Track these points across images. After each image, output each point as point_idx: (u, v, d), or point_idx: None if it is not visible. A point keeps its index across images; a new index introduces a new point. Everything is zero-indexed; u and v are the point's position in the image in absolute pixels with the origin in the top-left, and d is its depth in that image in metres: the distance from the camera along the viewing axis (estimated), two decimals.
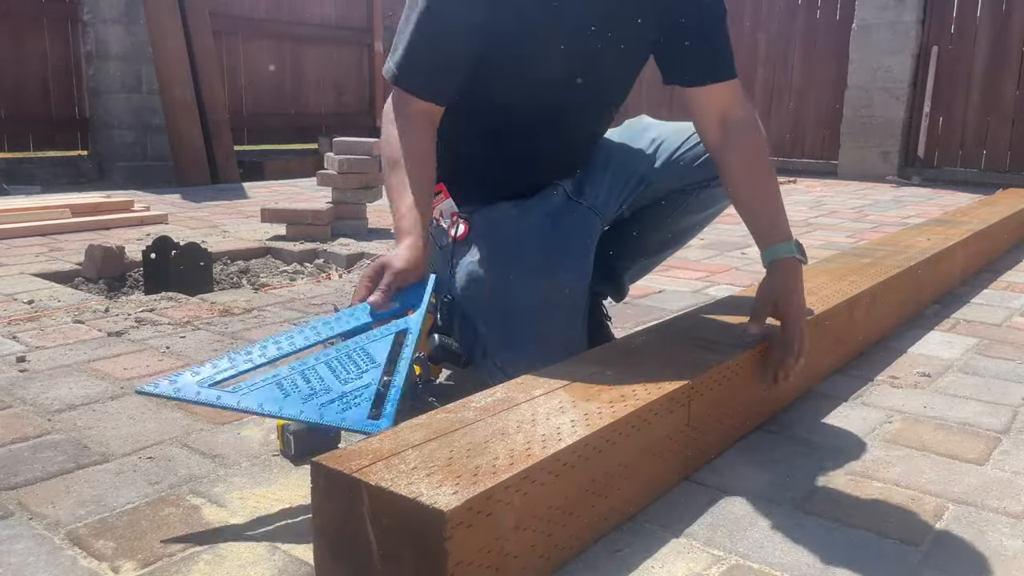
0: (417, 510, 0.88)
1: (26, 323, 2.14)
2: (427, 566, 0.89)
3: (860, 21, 6.79)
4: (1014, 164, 6.52)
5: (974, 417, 1.62)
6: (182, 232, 3.59)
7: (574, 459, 1.05)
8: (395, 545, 0.92)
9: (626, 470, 1.16)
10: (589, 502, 1.10)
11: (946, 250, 2.59)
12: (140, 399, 1.61)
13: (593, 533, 1.12)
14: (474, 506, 0.90)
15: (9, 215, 3.57)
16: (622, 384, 1.24)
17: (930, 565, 1.09)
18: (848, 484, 1.31)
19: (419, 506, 0.88)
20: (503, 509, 0.94)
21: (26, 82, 5.97)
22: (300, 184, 5.75)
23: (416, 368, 1.53)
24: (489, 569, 0.94)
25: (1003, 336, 2.20)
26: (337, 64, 7.97)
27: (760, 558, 1.09)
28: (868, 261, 2.27)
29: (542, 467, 1.00)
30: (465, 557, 0.90)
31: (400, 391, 1.17)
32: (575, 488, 1.07)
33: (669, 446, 1.26)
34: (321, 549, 1.00)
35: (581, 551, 1.10)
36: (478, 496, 0.90)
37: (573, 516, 1.08)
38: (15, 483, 1.27)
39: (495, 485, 0.93)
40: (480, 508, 0.91)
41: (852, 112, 6.92)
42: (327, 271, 3.11)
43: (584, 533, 1.11)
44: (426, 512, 0.88)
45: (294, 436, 1.36)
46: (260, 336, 2.06)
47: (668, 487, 1.28)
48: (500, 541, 0.95)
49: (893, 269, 2.19)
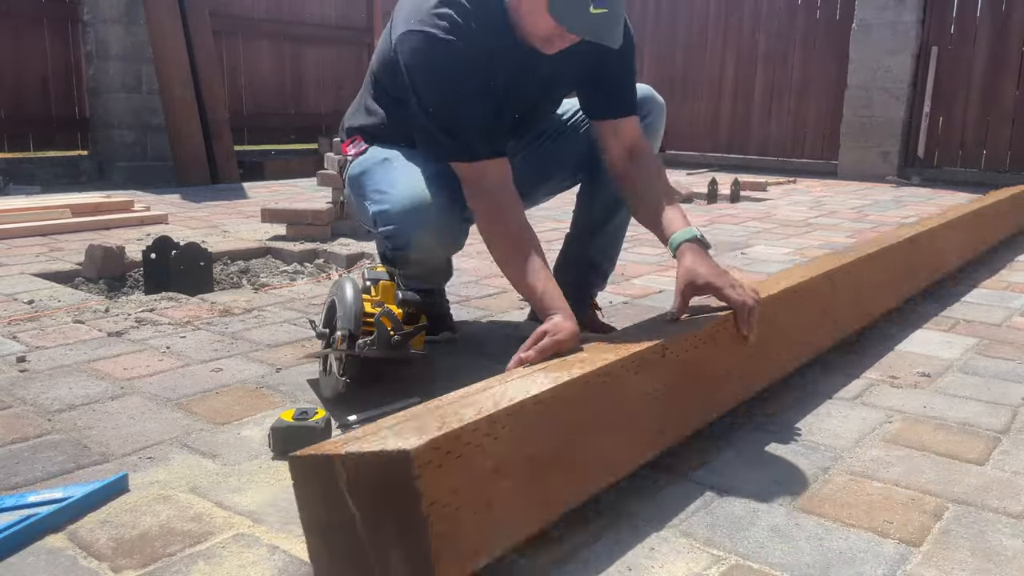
0: (386, 460, 0.91)
1: (26, 323, 2.14)
2: (405, 514, 0.91)
3: (860, 21, 6.79)
4: (1014, 164, 6.52)
5: (974, 417, 1.62)
6: (182, 232, 3.59)
7: (543, 409, 1.08)
8: (374, 507, 0.93)
9: (602, 425, 1.19)
10: (570, 456, 1.12)
11: (928, 231, 2.66)
12: (140, 399, 1.62)
13: (582, 489, 1.15)
14: (441, 446, 0.92)
15: (9, 215, 3.57)
16: (598, 356, 1.28)
17: (930, 565, 1.09)
18: (848, 484, 1.31)
19: (386, 455, 0.90)
20: (473, 452, 0.97)
21: (26, 82, 5.96)
22: (300, 184, 5.75)
23: (385, 321, 1.58)
24: (468, 512, 0.95)
25: (1003, 336, 2.20)
26: (337, 64, 7.97)
27: (760, 558, 1.09)
28: (852, 252, 2.32)
29: (510, 412, 1.03)
30: (440, 497, 0.91)
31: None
32: (551, 439, 1.10)
33: (644, 406, 1.29)
34: (314, 543, 1.01)
35: (573, 507, 1.12)
36: (444, 436, 0.93)
37: (556, 470, 1.10)
38: (15, 483, 1.27)
39: (462, 427, 0.96)
40: (448, 448, 0.93)
41: (852, 112, 6.92)
42: (327, 271, 3.11)
43: (572, 488, 1.13)
44: (392, 457, 0.90)
45: (273, 432, 1.37)
46: (260, 336, 2.07)
47: (651, 449, 1.31)
48: (479, 485, 0.97)
49: (873, 247, 2.27)
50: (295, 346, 1.99)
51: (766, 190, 5.75)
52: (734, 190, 5.20)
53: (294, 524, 1.15)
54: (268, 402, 1.62)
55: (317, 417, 1.39)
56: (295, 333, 2.10)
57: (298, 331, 2.12)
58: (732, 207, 4.93)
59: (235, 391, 1.68)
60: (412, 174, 1.66)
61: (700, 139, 7.87)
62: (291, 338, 2.05)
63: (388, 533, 0.93)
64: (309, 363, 1.84)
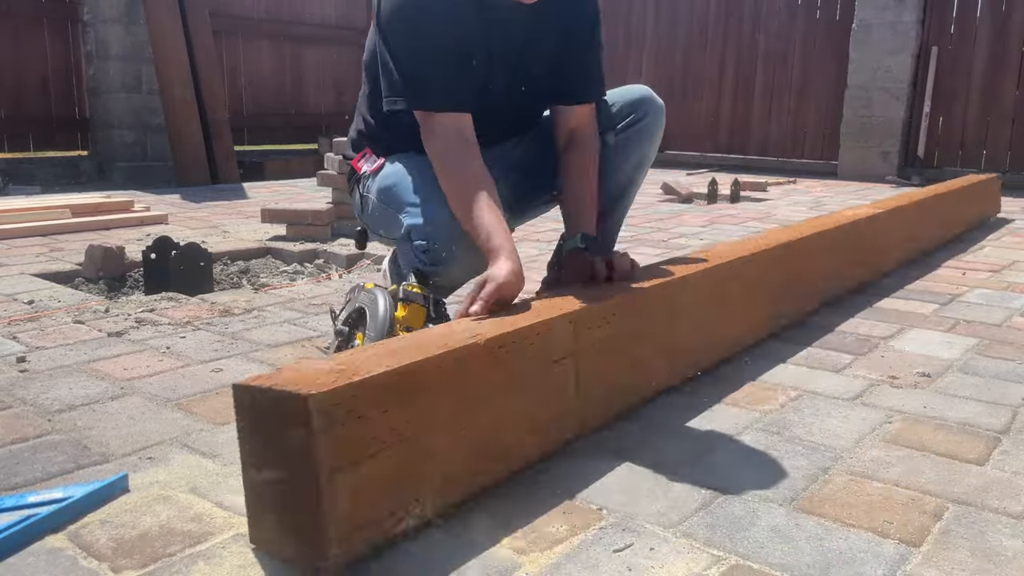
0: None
1: (26, 323, 2.14)
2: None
3: (860, 21, 6.79)
4: (1014, 164, 6.52)
5: (974, 417, 1.62)
6: (182, 232, 3.59)
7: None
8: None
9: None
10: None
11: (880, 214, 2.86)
12: (140, 399, 1.62)
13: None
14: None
15: (9, 215, 3.57)
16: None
17: (930, 565, 1.09)
18: (848, 484, 1.31)
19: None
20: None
21: (26, 82, 5.97)
22: (300, 184, 5.75)
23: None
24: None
25: (1003, 336, 2.20)
26: (337, 64, 7.98)
27: (760, 558, 1.09)
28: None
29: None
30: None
31: None
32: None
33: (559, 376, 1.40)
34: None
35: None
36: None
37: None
38: (15, 483, 1.27)
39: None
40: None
41: (852, 112, 6.91)
42: (327, 271, 3.11)
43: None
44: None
45: None
46: (260, 336, 2.07)
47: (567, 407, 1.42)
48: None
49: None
50: (295, 346, 1.99)
51: (766, 190, 5.75)
52: (734, 190, 5.20)
53: None
54: None
55: None
56: (295, 333, 2.10)
57: (298, 331, 2.12)
58: (732, 207, 4.93)
59: None
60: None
61: (700, 139, 7.87)
62: (291, 338, 2.06)
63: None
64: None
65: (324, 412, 0.99)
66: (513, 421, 1.30)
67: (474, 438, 1.22)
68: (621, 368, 1.56)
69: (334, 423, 1.01)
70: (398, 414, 1.09)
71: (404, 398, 1.10)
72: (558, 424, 1.41)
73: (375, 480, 1.06)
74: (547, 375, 1.37)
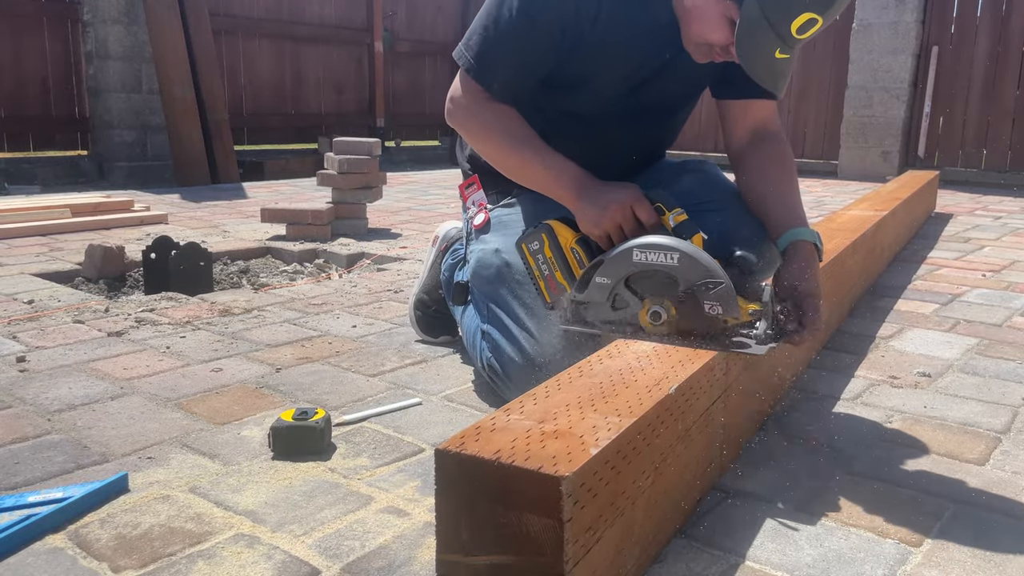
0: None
1: (26, 323, 2.14)
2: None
3: (860, 21, 6.79)
4: (1014, 164, 6.52)
5: (974, 417, 1.62)
6: (182, 232, 3.59)
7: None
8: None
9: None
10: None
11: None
12: (140, 399, 1.62)
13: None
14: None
15: (9, 215, 3.57)
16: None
17: (930, 565, 1.09)
18: (848, 484, 1.31)
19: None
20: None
21: (26, 82, 5.97)
22: (300, 184, 5.75)
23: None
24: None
25: (1003, 336, 2.20)
26: (337, 64, 7.97)
27: (760, 558, 1.09)
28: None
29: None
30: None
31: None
32: None
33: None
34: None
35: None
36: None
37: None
38: (15, 483, 1.27)
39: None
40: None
41: (852, 112, 6.92)
42: (327, 271, 3.11)
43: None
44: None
45: (273, 432, 1.37)
46: (260, 336, 2.07)
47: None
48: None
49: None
50: (295, 346, 1.99)
51: None
52: None
53: (294, 524, 1.15)
54: (268, 402, 1.62)
55: (317, 417, 1.39)
56: (295, 333, 2.10)
57: (298, 331, 2.12)
58: None
59: (235, 391, 1.68)
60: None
61: (701, 139, 7.87)
62: (291, 338, 2.05)
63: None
64: (308, 363, 1.84)
65: (572, 495, 0.83)
66: (686, 474, 1.17)
67: (660, 499, 1.08)
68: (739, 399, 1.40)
69: (577, 505, 0.84)
70: (615, 486, 0.94)
71: (619, 465, 0.94)
72: (712, 469, 1.29)
73: (599, 566, 0.91)
74: (708, 417, 1.23)
